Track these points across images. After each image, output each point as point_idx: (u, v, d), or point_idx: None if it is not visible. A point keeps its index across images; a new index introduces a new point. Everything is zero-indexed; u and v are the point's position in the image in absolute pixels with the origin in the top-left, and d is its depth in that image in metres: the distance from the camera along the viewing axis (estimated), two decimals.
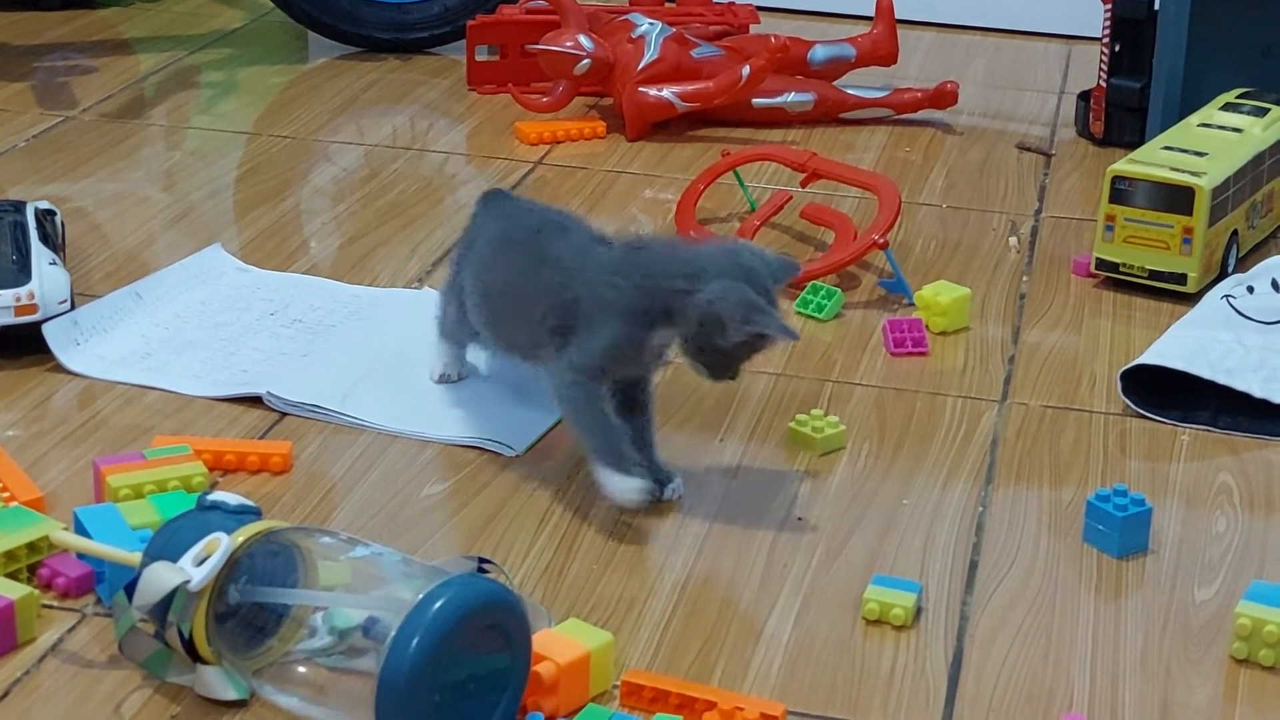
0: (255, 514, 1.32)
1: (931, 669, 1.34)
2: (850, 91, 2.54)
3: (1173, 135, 2.09)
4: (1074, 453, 1.66)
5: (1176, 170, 1.97)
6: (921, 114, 2.56)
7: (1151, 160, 2.00)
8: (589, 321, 1.52)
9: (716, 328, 1.47)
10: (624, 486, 1.50)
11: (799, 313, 1.92)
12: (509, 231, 1.65)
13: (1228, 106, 2.15)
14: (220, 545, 1.24)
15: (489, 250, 1.65)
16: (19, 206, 1.88)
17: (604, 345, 1.51)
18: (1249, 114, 2.12)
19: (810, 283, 1.95)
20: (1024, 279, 2.04)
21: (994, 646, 1.37)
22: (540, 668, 1.26)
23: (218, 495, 1.32)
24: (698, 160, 2.36)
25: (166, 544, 1.28)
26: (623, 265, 1.53)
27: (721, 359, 1.50)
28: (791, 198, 2.14)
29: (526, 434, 1.66)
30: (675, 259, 1.52)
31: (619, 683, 1.30)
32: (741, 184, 2.22)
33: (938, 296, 1.89)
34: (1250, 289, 1.85)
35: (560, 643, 1.28)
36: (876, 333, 1.88)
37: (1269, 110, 2.12)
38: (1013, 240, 2.14)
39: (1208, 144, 2.04)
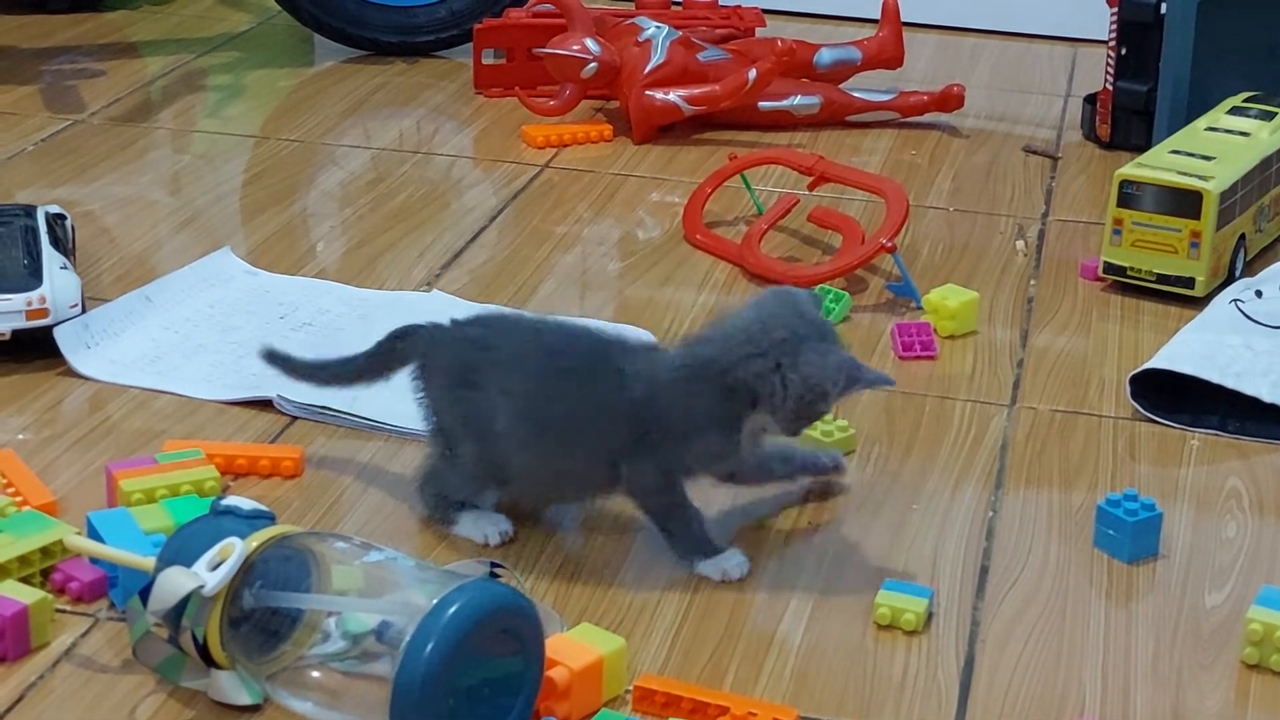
0: (269, 519, 1.32)
1: (943, 674, 1.35)
2: (856, 94, 2.54)
3: (1180, 139, 2.09)
4: (1083, 457, 1.66)
5: (1184, 174, 1.97)
6: (927, 117, 2.56)
7: (1159, 164, 2.00)
8: (675, 432, 1.43)
9: (820, 398, 1.41)
10: (728, 567, 1.45)
11: None
12: (549, 358, 1.47)
13: (1235, 110, 2.15)
14: (234, 550, 1.24)
15: (527, 382, 1.45)
16: (29, 211, 1.89)
17: (699, 453, 1.44)
18: (1256, 118, 2.12)
19: (819, 286, 1.95)
20: (1032, 282, 2.05)
21: (1005, 651, 1.38)
22: (553, 673, 1.26)
23: (231, 500, 1.33)
24: (704, 163, 2.37)
25: (181, 549, 1.28)
26: (692, 366, 1.43)
27: (809, 420, 1.44)
28: (799, 201, 2.14)
29: None
30: (745, 338, 1.42)
31: (631, 688, 1.30)
32: (749, 187, 2.22)
33: (946, 300, 1.89)
34: (1259, 293, 1.85)
35: (573, 647, 1.29)
36: (885, 336, 1.89)
37: (1276, 114, 2.13)
38: (1020, 244, 2.15)
39: (1215, 148, 2.04)
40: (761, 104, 2.49)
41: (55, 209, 1.93)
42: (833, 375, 1.40)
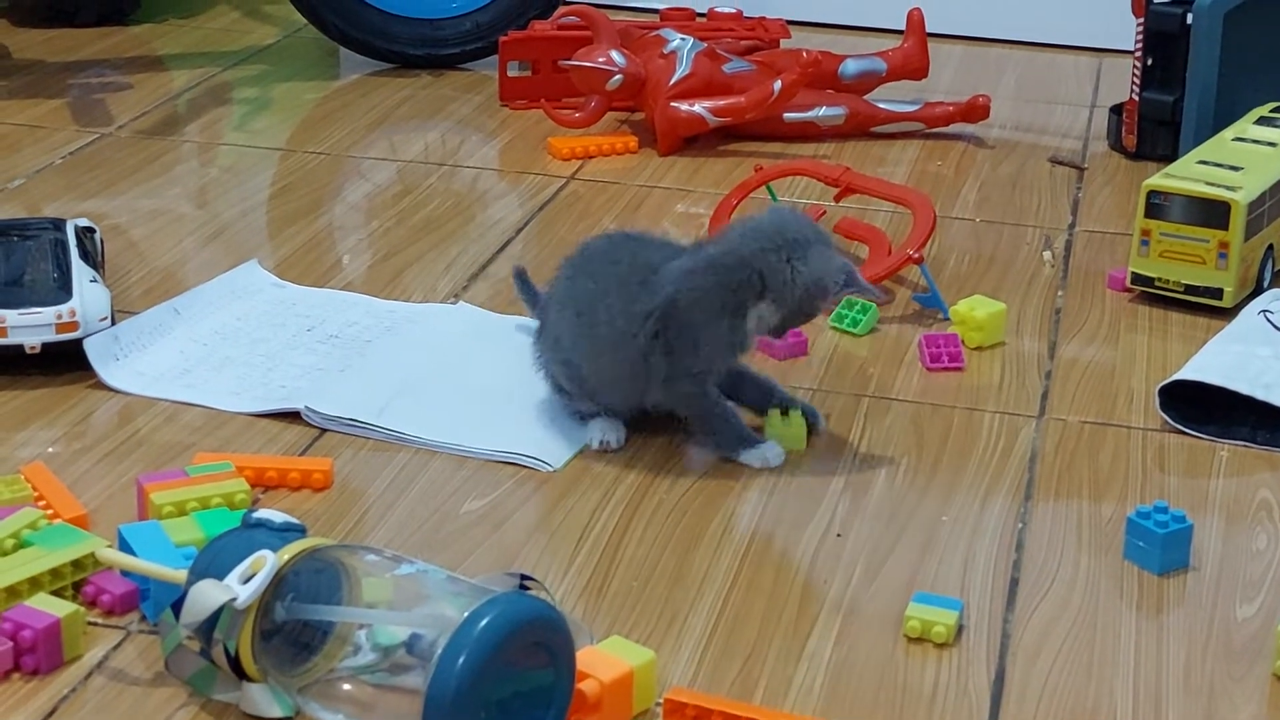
0: (300, 531, 1.32)
1: (974, 687, 1.34)
2: (881, 105, 2.54)
3: (1208, 149, 2.09)
4: (1113, 468, 1.66)
5: (1212, 185, 1.97)
6: (953, 128, 2.56)
7: (1187, 174, 2.00)
8: (688, 322, 1.60)
9: (820, 294, 1.61)
10: (767, 456, 1.64)
11: (834, 327, 1.93)
12: (586, 261, 1.68)
13: (1262, 120, 2.14)
14: (266, 563, 1.25)
15: (568, 285, 1.67)
16: (59, 224, 1.89)
17: (709, 345, 1.61)
18: None
19: (845, 298, 1.95)
20: (1059, 293, 2.04)
21: (1036, 664, 1.37)
22: (584, 685, 1.26)
23: (263, 513, 1.33)
24: (730, 175, 2.37)
25: (213, 561, 1.28)
26: (701, 259, 1.61)
27: (800, 319, 1.63)
28: (825, 212, 2.14)
29: (564, 450, 1.66)
30: (759, 234, 1.61)
31: (662, 700, 1.30)
32: (775, 198, 2.22)
33: (973, 311, 1.89)
34: None
35: (603, 660, 1.29)
36: (912, 348, 1.88)
37: None
38: (1047, 254, 2.14)
39: (1243, 158, 2.04)
40: (787, 115, 2.49)
41: (84, 222, 1.94)
42: (835, 274, 1.61)
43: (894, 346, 1.89)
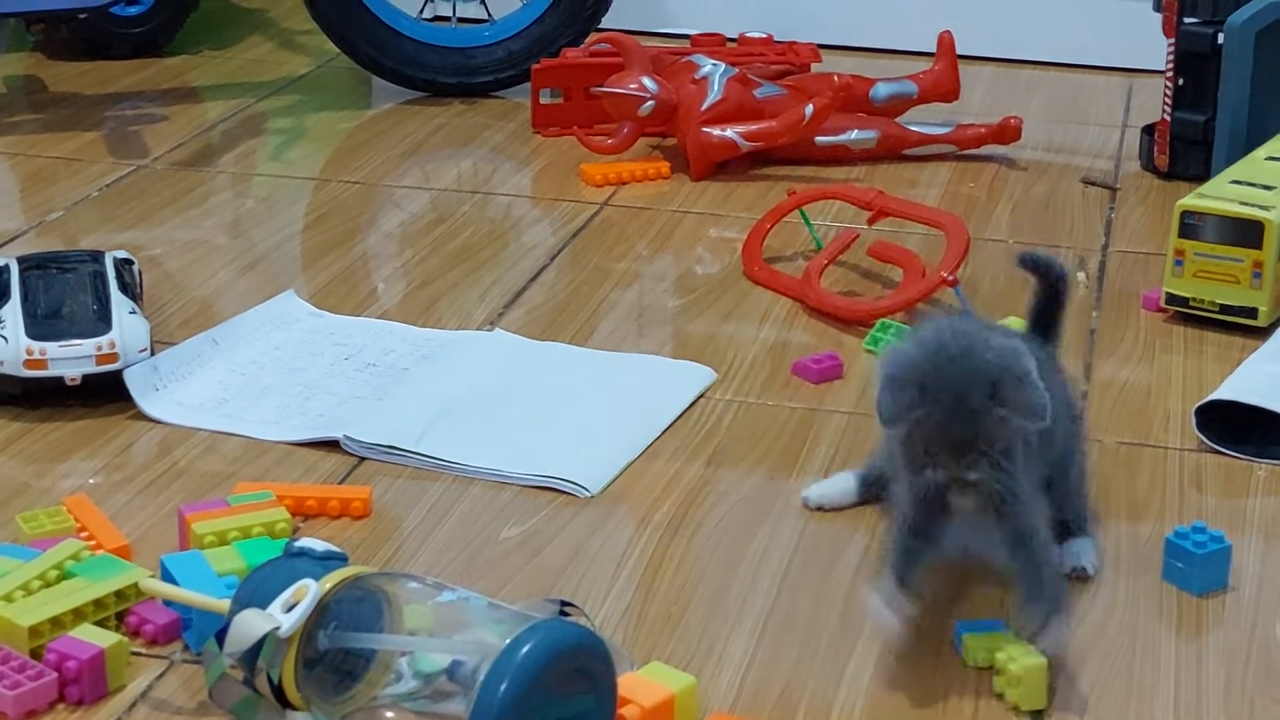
0: (342, 560, 1.33)
1: (1017, 710, 1.34)
2: (913, 128, 2.55)
3: (1240, 169, 2.09)
4: (1150, 489, 1.66)
5: (1246, 204, 1.97)
6: (985, 149, 2.56)
7: (1220, 194, 2.00)
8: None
9: None
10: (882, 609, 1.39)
11: (868, 350, 1.93)
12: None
13: None
14: (309, 591, 1.25)
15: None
16: (97, 256, 1.91)
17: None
18: None
19: (879, 320, 1.95)
20: (1094, 314, 2.04)
21: (1077, 686, 1.37)
22: (625, 710, 1.26)
23: (304, 541, 1.34)
24: (762, 199, 2.37)
25: (255, 590, 1.29)
26: None
27: None
28: (859, 236, 2.14)
29: (602, 475, 1.67)
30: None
31: None
32: (808, 222, 2.23)
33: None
34: None
35: (644, 686, 1.29)
36: None
37: None
38: (1081, 275, 2.14)
39: (1276, 177, 2.04)
40: (819, 139, 2.50)
41: (123, 254, 1.96)
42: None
43: None
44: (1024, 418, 1.31)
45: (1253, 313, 1.96)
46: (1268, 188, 2.01)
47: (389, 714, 1.27)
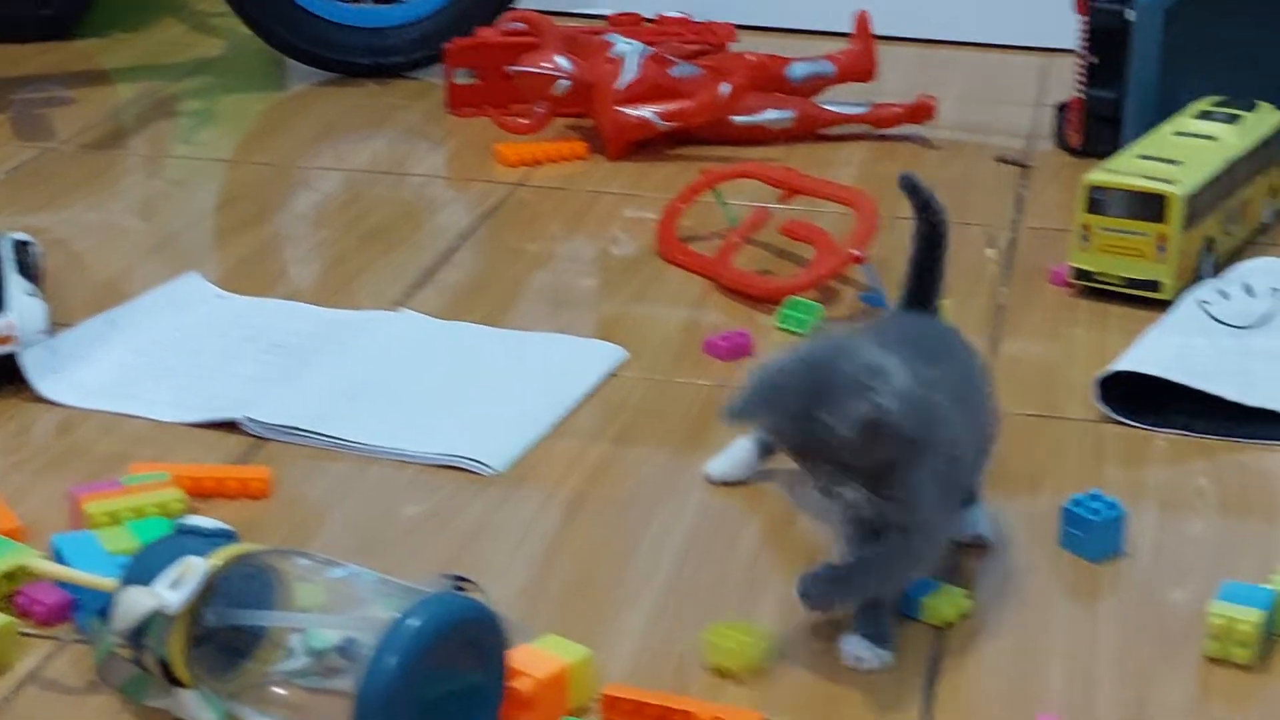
0: (231, 537, 1.32)
1: (909, 672, 1.35)
2: (829, 108, 2.55)
3: (1148, 144, 2.10)
4: (1050, 460, 1.67)
5: (1150, 178, 1.98)
6: (901, 129, 2.56)
7: (1126, 169, 2.01)
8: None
9: None
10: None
11: (780, 328, 1.93)
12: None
13: (1202, 114, 2.15)
14: (195, 568, 1.24)
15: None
16: None
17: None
18: (1223, 121, 2.13)
19: (789, 298, 1.95)
20: (1002, 289, 2.05)
21: (970, 650, 1.38)
22: (518, 683, 1.26)
23: (193, 520, 1.33)
24: (678, 179, 2.37)
25: (143, 569, 1.28)
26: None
27: None
28: (770, 214, 2.14)
29: (507, 453, 1.66)
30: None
31: (598, 697, 1.30)
32: (722, 201, 2.22)
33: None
34: (1224, 294, 1.86)
35: (538, 658, 1.29)
36: None
37: (1242, 117, 2.13)
38: (990, 251, 2.15)
39: (1182, 152, 2.05)
40: (735, 119, 2.50)
41: (21, 236, 1.94)
42: None
43: None
44: (849, 433, 1.25)
45: (1155, 285, 1.97)
46: (1174, 162, 2.02)
47: (280, 690, 1.25)
